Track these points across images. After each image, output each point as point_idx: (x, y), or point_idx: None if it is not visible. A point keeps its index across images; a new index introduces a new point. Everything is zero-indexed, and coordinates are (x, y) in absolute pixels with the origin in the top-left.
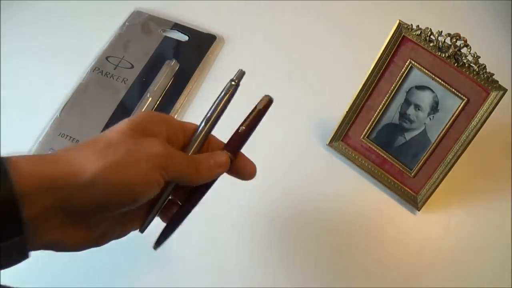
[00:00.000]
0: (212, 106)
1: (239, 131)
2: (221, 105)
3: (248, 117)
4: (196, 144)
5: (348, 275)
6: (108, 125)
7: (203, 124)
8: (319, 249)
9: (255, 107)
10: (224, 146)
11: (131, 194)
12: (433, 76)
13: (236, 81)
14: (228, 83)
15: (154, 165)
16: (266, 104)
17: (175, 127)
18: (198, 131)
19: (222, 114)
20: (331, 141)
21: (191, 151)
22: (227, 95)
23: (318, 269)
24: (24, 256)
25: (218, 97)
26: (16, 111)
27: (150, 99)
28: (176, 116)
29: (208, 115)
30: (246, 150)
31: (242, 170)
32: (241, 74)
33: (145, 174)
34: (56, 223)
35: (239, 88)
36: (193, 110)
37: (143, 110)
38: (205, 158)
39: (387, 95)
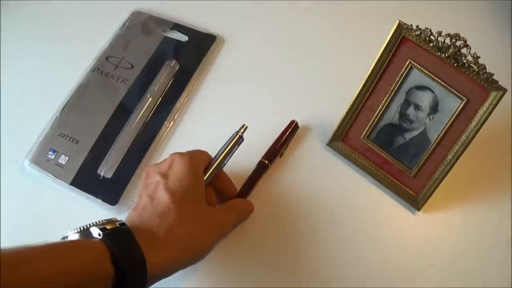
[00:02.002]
0: (222, 149)
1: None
2: (228, 148)
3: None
4: (209, 173)
5: (347, 275)
6: (108, 125)
7: (216, 161)
8: (318, 248)
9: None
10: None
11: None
12: (433, 76)
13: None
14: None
15: (223, 235)
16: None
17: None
18: (212, 168)
19: (230, 155)
20: (331, 141)
21: (207, 176)
22: (233, 142)
23: (317, 269)
24: None
25: (227, 143)
26: (16, 111)
27: (150, 99)
28: (176, 116)
29: (218, 156)
30: (247, 149)
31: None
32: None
33: (215, 243)
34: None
35: (239, 89)
36: (193, 110)
37: (143, 110)
38: (243, 209)
39: (387, 95)
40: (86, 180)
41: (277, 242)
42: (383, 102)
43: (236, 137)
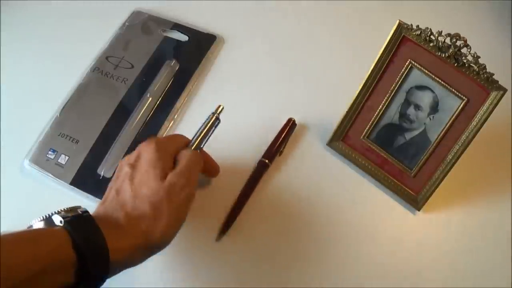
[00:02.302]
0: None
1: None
2: (205, 130)
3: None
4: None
5: (347, 275)
6: (108, 125)
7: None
8: (318, 248)
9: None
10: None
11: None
12: (433, 76)
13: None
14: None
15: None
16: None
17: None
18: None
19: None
20: (331, 141)
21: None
22: (210, 124)
23: (316, 268)
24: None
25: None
26: (16, 111)
27: (150, 99)
28: (176, 116)
29: (195, 139)
30: (247, 148)
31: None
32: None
33: (179, 226)
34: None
35: (239, 89)
36: (193, 110)
37: (143, 110)
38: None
39: (387, 95)
40: (86, 179)
41: (277, 241)
42: (383, 102)
43: (213, 119)
